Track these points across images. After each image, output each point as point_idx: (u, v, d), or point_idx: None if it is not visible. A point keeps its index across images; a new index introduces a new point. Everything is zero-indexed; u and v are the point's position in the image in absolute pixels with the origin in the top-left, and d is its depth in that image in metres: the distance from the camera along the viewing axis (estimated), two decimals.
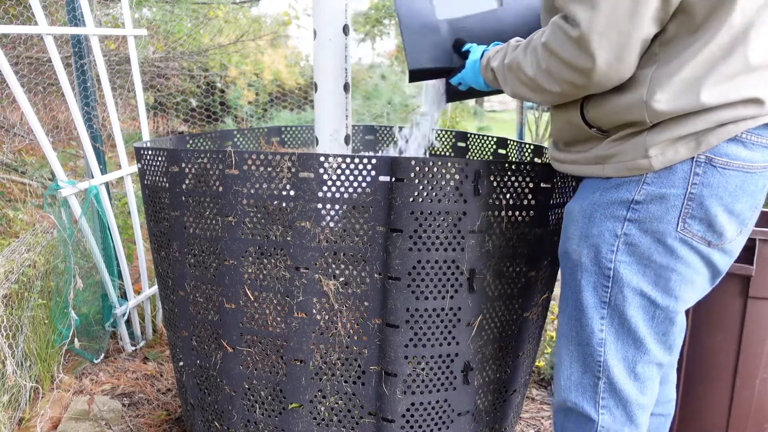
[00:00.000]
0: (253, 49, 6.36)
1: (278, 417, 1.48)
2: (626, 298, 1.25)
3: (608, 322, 1.28)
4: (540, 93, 1.23)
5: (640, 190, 1.19)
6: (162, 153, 1.51)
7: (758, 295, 1.72)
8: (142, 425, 2.07)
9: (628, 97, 1.15)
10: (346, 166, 1.31)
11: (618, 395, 1.32)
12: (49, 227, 2.61)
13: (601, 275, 1.26)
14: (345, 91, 1.57)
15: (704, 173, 1.15)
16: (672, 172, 1.16)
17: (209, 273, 1.47)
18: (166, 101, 5.92)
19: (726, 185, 1.16)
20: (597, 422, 1.33)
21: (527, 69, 1.21)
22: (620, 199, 1.21)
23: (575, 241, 1.28)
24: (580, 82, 1.13)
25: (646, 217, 1.19)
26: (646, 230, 1.20)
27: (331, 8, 1.51)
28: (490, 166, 1.34)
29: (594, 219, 1.25)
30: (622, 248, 1.22)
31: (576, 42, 1.08)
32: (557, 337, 1.40)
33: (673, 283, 1.23)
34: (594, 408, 1.34)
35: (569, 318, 1.34)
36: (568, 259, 1.31)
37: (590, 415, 1.34)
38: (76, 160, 4.73)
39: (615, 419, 1.33)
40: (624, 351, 1.29)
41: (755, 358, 1.77)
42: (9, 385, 1.90)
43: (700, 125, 1.13)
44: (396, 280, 1.35)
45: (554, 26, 1.13)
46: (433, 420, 1.46)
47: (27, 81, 3.94)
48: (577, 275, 1.29)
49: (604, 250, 1.24)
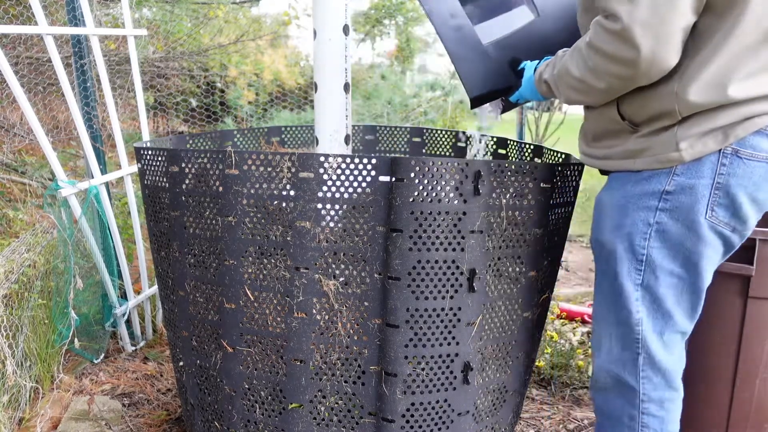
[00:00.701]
0: (253, 49, 6.35)
1: (278, 417, 1.48)
2: (658, 279, 1.35)
3: (642, 303, 1.39)
4: (589, 93, 1.30)
5: (671, 181, 1.28)
6: (162, 153, 1.51)
7: (758, 295, 1.72)
8: (142, 425, 2.07)
9: (660, 90, 1.22)
10: (346, 166, 1.31)
11: (656, 366, 1.44)
12: (49, 227, 2.61)
13: (634, 260, 1.36)
14: (345, 91, 1.57)
15: (731, 164, 1.24)
16: (701, 164, 1.24)
17: (209, 273, 1.47)
18: (166, 101, 5.92)
19: (751, 175, 1.24)
20: (639, 391, 1.46)
21: (574, 71, 1.28)
22: (652, 190, 1.30)
23: (608, 231, 1.38)
24: (627, 74, 1.19)
25: (676, 206, 1.28)
26: (677, 218, 1.29)
27: (331, 8, 1.52)
28: (490, 166, 1.34)
29: (627, 210, 1.34)
30: (654, 235, 1.32)
31: (619, 35, 1.14)
32: (594, 320, 1.52)
33: (700, 264, 1.33)
34: (636, 379, 1.46)
35: (606, 302, 1.45)
36: (602, 248, 1.41)
37: (633, 386, 1.46)
38: (76, 160, 4.73)
39: (655, 387, 1.46)
40: (658, 326, 1.41)
41: (755, 358, 1.77)
42: (9, 385, 1.90)
43: (728, 119, 1.20)
44: (396, 280, 1.35)
45: (596, 25, 1.19)
46: (433, 420, 1.46)
47: (27, 81, 3.93)
48: (612, 263, 1.39)
49: (637, 239, 1.34)
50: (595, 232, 1.44)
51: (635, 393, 1.48)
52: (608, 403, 1.55)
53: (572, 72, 1.29)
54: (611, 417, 1.55)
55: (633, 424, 1.51)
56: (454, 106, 7.42)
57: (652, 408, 1.48)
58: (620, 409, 1.52)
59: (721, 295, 1.77)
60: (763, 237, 1.69)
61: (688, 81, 1.19)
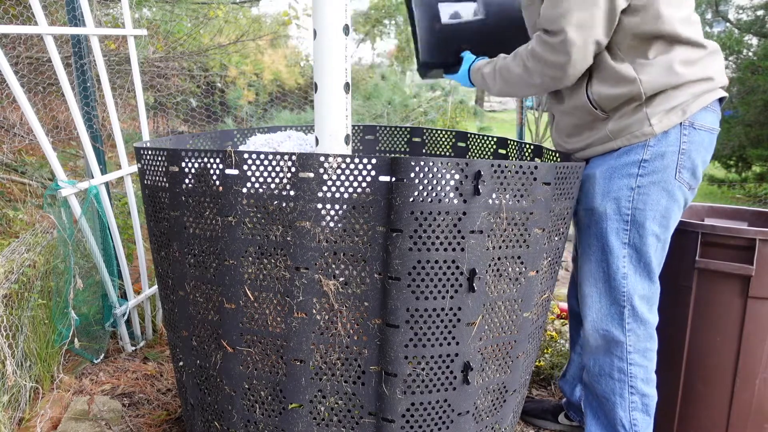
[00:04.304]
0: (253, 49, 6.36)
1: (278, 417, 1.48)
2: (642, 237, 1.61)
3: (629, 259, 1.63)
4: (522, 87, 1.65)
5: (647, 151, 1.57)
6: (162, 153, 1.51)
7: (758, 295, 1.72)
8: (142, 425, 2.07)
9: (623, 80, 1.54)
10: (346, 166, 1.31)
11: (639, 318, 1.67)
12: (49, 227, 2.61)
13: (621, 221, 1.61)
14: (345, 91, 1.56)
15: (689, 134, 1.57)
16: (668, 135, 1.56)
17: (209, 273, 1.47)
18: (166, 101, 5.91)
19: (701, 142, 1.58)
20: (625, 343, 1.68)
21: (515, 69, 1.63)
22: (631, 160, 1.58)
23: (599, 197, 1.63)
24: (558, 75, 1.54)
25: (652, 171, 1.57)
26: (654, 181, 1.57)
27: (331, 8, 1.51)
28: (490, 166, 1.33)
29: (613, 178, 1.60)
30: (636, 198, 1.59)
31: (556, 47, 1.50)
32: (582, 283, 1.73)
33: (671, 220, 1.62)
34: (622, 332, 1.68)
35: (596, 262, 1.68)
36: (592, 212, 1.66)
37: (619, 339, 1.68)
38: (76, 160, 4.73)
39: (639, 338, 1.68)
40: (641, 280, 1.65)
41: (755, 358, 1.77)
42: (9, 385, 1.90)
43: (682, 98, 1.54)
44: (396, 280, 1.35)
45: (539, 38, 1.54)
46: (433, 420, 1.46)
47: (27, 81, 3.93)
48: (602, 224, 1.64)
49: (623, 201, 1.60)
50: (584, 202, 1.67)
51: (622, 346, 1.69)
52: (598, 363, 1.75)
53: (513, 70, 1.63)
54: (601, 377, 1.75)
55: (622, 377, 1.71)
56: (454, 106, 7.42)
57: (637, 358, 1.69)
58: (609, 366, 1.72)
59: (721, 295, 1.77)
60: (763, 237, 1.69)
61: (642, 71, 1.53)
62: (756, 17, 7.15)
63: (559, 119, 1.75)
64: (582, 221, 1.71)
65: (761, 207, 3.17)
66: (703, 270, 1.78)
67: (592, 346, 1.75)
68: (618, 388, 1.71)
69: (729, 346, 1.79)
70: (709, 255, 1.76)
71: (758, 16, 7.14)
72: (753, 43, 7.12)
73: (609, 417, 1.76)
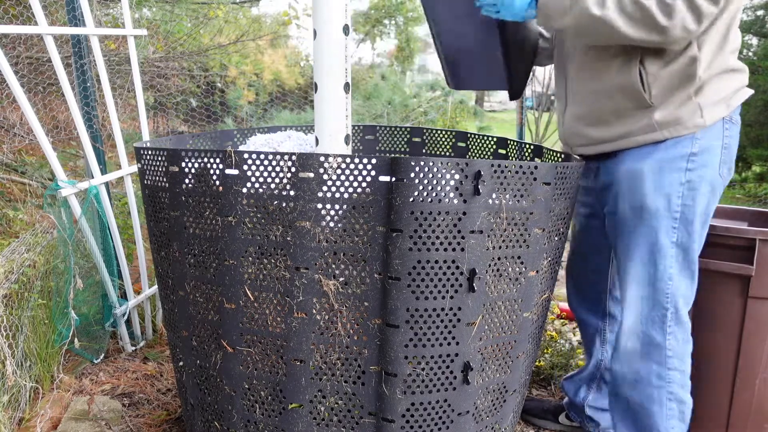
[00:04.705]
0: (253, 49, 6.36)
1: (278, 417, 1.48)
2: (689, 234, 1.55)
3: (675, 259, 1.56)
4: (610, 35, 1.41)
5: (695, 144, 1.50)
6: (162, 153, 1.51)
7: (758, 295, 1.72)
8: (142, 425, 2.07)
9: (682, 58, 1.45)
10: (346, 166, 1.31)
11: (680, 320, 1.59)
12: (49, 227, 2.61)
13: (671, 219, 1.54)
14: (345, 91, 1.56)
15: (729, 128, 1.53)
16: (714, 128, 1.51)
17: (209, 273, 1.47)
18: (166, 101, 5.92)
19: (736, 137, 1.55)
20: (665, 347, 1.60)
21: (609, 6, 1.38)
22: (680, 153, 1.51)
23: (650, 193, 1.54)
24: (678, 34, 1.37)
25: (701, 165, 1.51)
26: (701, 176, 1.51)
27: (331, 8, 1.51)
28: (490, 166, 1.33)
29: (663, 172, 1.52)
30: (686, 194, 1.52)
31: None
32: (626, 286, 1.64)
33: (710, 218, 1.58)
34: (663, 335, 1.59)
35: (641, 263, 1.59)
36: (642, 210, 1.56)
37: (659, 342, 1.60)
38: (76, 160, 4.73)
39: (678, 342, 1.60)
40: (684, 281, 1.59)
41: (755, 358, 1.77)
42: (9, 385, 1.90)
43: (726, 91, 1.50)
44: (396, 280, 1.35)
45: None
46: (433, 420, 1.46)
47: (27, 81, 3.93)
48: (653, 223, 1.55)
49: (674, 197, 1.52)
50: (631, 199, 1.57)
51: (662, 350, 1.60)
52: (633, 369, 1.65)
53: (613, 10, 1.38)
54: (637, 384, 1.65)
55: (661, 383, 1.61)
56: (454, 106, 7.43)
57: (676, 362, 1.60)
58: (647, 371, 1.63)
59: (721, 295, 1.77)
60: (763, 237, 1.69)
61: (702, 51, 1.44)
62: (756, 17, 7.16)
63: (587, 102, 1.61)
64: (626, 221, 1.60)
65: (761, 207, 3.17)
66: (703, 270, 1.77)
67: (628, 351, 1.65)
68: (656, 395, 1.62)
69: (729, 346, 1.79)
70: (709, 255, 1.76)
71: (758, 16, 7.15)
72: (753, 43, 7.13)
73: (644, 426, 1.67)
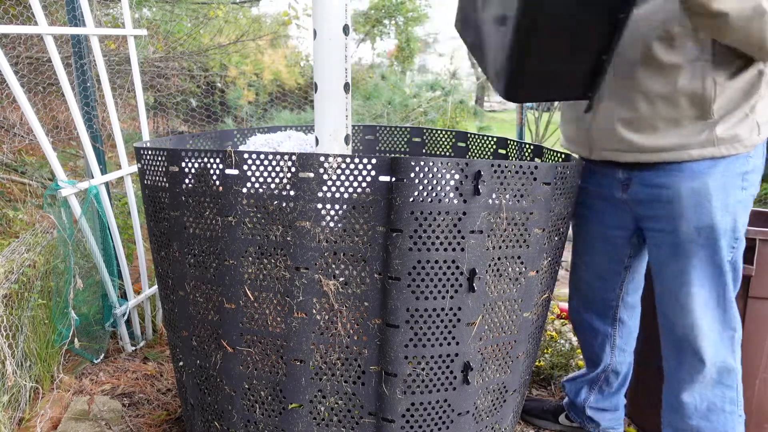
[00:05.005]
0: (253, 49, 6.36)
1: (278, 417, 1.48)
2: (739, 251, 1.52)
3: (732, 277, 1.52)
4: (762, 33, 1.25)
5: (749, 162, 1.47)
6: (162, 153, 1.51)
7: (758, 295, 1.72)
8: (142, 425, 2.07)
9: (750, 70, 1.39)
10: (346, 166, 1.31)
11: (737, 341, 1.54)
12: (49, 227, 2.61)
13: (732, 238, 1.49)
14: (345, 91, 1.56)
15: (765, 148, 1.51)
16: (761, 147, 1.49)
17: (209, 273, 1.47)
18: (166, 101, 5.92)
19: None
20: (736, 371, 1.54)
21: None
22: (739, 171, 1.47)
23: (718, 212, 1.47)
24: None
25: (752, 184, 1.49)
26: (752, 195, 1.50)
27: (331, 8, 1.51)
28: (490, 166, 1.33)
29: (728, 190, 1.47)
30: (741, 212, 1.48)
31: None
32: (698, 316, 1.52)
33: None
34: (734, 359, 1.54)
35: (710, 287, 1.51)
36: (711, 231, 1.48)
37: (732, 367, 1.54)
38: (76, 160, 4.73)
39: (737, 362, 1.55)
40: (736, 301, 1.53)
41: (755, 358, 1.77)
42: (9, 385, 1.90)
43: None
44: (396, 280, 1.35)
45: None
46: (433, 420, 1.46)
47: (27, 81, 3.93)
48: (720, 243, 1.48)
49: (737, 216, 1.48)
50: (698, 219, 1.47)
51: (734, 373, 1.53)
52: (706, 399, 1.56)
53: None
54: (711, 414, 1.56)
55: (733, 408, 1.54)
56: (454, 106, 7.43)
57: (740, 384, 1.55)
58: (721, 398, 1.55)
59: None
60: (763, 237, 1.69)
61: None
62: None
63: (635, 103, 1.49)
64: (690, 242, 1.50)
65: (761, 207, 3.17)
66: None
67: (705, 380, 1.55)
68: (731, 422, 1.56)
69: None
70: None
71: None
72: None
73: None
